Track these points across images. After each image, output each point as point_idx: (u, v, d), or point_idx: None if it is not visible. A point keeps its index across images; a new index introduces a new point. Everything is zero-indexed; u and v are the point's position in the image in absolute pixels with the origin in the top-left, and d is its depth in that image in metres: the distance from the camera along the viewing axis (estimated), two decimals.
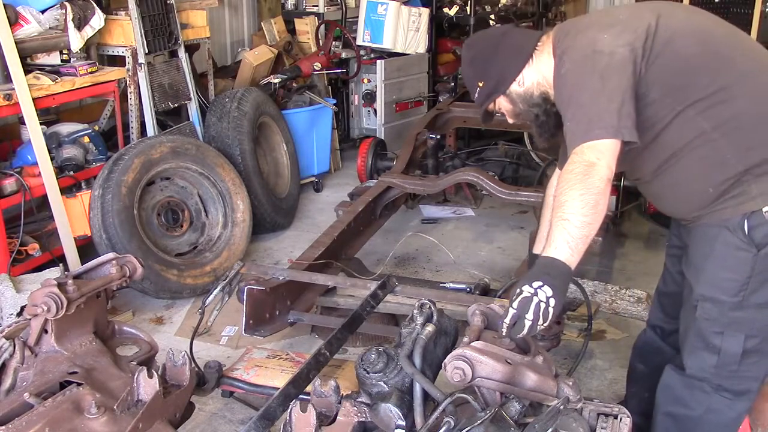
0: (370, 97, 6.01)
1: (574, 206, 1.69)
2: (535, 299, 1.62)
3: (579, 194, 1.70)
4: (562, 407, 1.40)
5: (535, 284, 1.64)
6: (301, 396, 1.79)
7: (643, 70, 1.82)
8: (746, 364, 1.99)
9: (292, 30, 6.19)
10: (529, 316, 1.62)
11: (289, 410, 1.59)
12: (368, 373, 1.61)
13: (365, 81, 6.01)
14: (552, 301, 1.63)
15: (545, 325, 1.64)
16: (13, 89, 3.43)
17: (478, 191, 4.66)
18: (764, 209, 1.86)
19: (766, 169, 1.86)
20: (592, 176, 1.70)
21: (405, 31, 6.08)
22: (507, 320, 1.63)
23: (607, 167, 1.72)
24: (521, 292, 1.65)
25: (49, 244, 3.70)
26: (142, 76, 4.14)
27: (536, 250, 2.23)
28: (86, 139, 3.98)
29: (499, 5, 6.91)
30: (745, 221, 1.87)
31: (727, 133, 1.86)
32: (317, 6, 6.15)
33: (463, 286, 3.14)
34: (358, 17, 6.08)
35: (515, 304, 1.64)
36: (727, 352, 1.98)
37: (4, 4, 3.45)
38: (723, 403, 2.04)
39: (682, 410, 2.09)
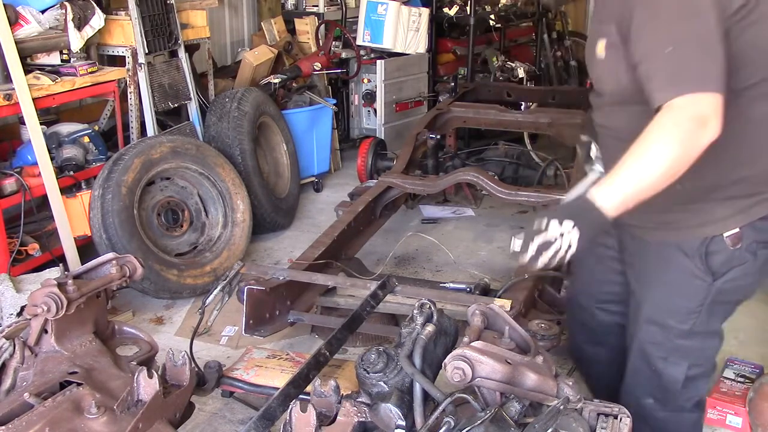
0: (370, 97, 6.01)
1: (662, 157, 1.53)
2: (558, 242, 1.57)
3: (676, 147, 1.53)
4: (562, 407, 1.40)
5: (566, 226, 1.57)
6: (301, 396, 1.79)
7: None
8: (688, 388, 1.95)
9: (292, 30, 6.19)
10: (545, 257, 1.59)
11: (289, 410, 1.59)
12: (368, 373, 1.61)
13: (365, 81, 6.01)
14: (573, 248, 1.58)
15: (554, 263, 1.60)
16: (13, 89, 3.43)
17: (478, 191, 4.66)
18: (725, 235, 1.77)
19: (735, 192, 1.76)
20: (700, 135, 1.52)
21: (405, 31, 6.08)
22: (527, 250, 1.59)
23: (717, 129, 1.53)
24: (548, 228, 1.58)
25: (49, 244, 3.70)
26: (142, 76, 4.14)
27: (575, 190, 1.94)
28: (86, 139, 3.98)
29: (499, 5, 6.91)
30: (705, 247, 1.78)
31: (740, 135, 1.69)
32: (317, 6, 6.15)
33: (463, 286, 3.14)
34: (358, 17, 6.08)
35: (539, 240, 1.58)
36: (669, 377, 1.92)
37: (4, 4, 3.44)
38: (672, 417, 1.99)
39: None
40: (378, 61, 5.94)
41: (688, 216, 1.80)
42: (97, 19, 3.90)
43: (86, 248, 3.70)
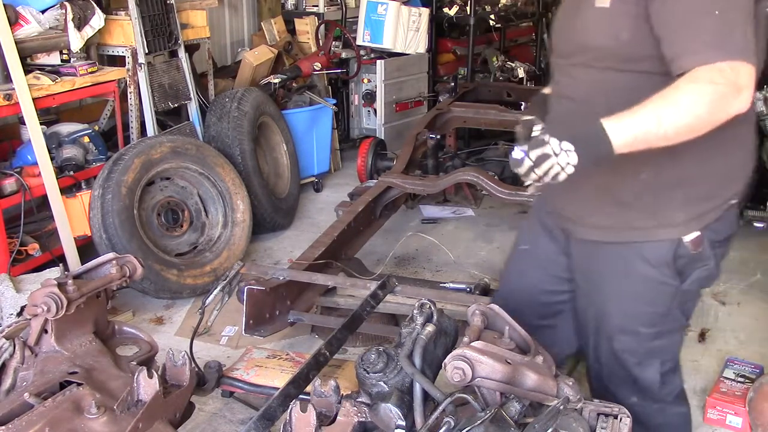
0: (370, 97, 6.01)
1: (687, 109, 1.48)
2: (554, 160, 1.52)
3: (704, 104, 1.48)
4: (562, 407, 1.40)
5: (565, 146, 1.52)
6: (301, 396, 1.79)
7: None
8: (666, 384, 1.95)
9: (292, 30, 6.19)
10: (540, 172, 1.54)
11: (289, 410, 1.59)
12: (368, 373, 1.61)
13: (365, 81, 6.02)
14: (570, 170, 1.53)
15: (548, 181, 1.56)
16: (13, 89, 3.43)
17: (478, 191, 4.66)
18: (685, 240, 1.75)
19: (694, 193, 1.74)
20: (731, 101, 1.48)
21: (405, 31, 6.08)
22: (522, 161, 1.55)
23: (748, 102, 1.49)
24: (546, 143, 1.53)
25: (49, 244, 3.70)
26: (142, 76, 4.14)
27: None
28: (86, 139, 3.98)
29: (499, 5, 6.91)
30: (672, 253, 1.75)
31: (736, 127, 1.61)
32: (317, 6, 6.15)
33: (463, 286, 3.14)
34: (358, 17, 6.08)
35: (533, 155, 1.54)
36: (646, 380, 1.93)
37: (4, 4, 3.44)
38: (659, 411, 1.99)
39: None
40: (378, 61, 5.94)
41: (642, 215, 1.76)
42: (97, 19, 3.90)
43: (86, 248, 3.70)
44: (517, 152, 1.59)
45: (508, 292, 2.16)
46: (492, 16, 6.70)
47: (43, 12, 3.71)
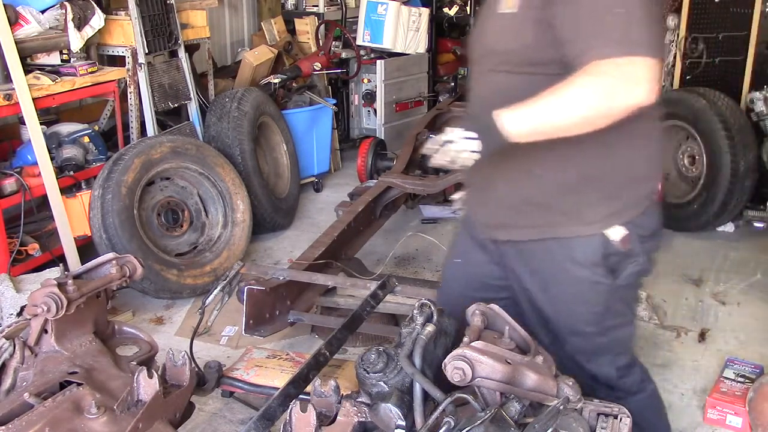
0: (370, 97, 6.01)
1: (581, 99, 1.53)
2: (458, 146, 1.63)
3: (598, 95, 1.52)
4: (562, 407, 1.40)
5: (468, 134, 1.62)
6: (301, 396, 1.79)
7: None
8: (625, 376, 1.97)
9: (292, 30, 6.19)
10: (444, 159, 1.65)
11: (289, 410, 1.59)
12: (368, 373, 1.61)
13: (365, 81, 6.02)
14: (474, 154, 1.62)
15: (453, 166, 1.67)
16: (13, 89, 3.43)
17: None
18: (613, 237, 1.77)
19: (607, 189, 1.76)
20: (627, 93, 1.51)
21: (405, 31, 6.09)
22: (433, 148, 1.66)
23: (648, 94, 1.51)
24: (452, 132, 1.64)
25: (49, 244, 3.70)
26: (142, 76, 4.14)
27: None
28: (86, 139, 3.98)
29: None
30: (600, 253, 1.78)
31: (618, 128, 1.64)
32: (317, 6, 6.15)
33: None
34: (358, 17, 6.08)
35: (442, 142, 1.65)
36: (603, 376, 1.95)
37: (4, 4, 3.45)
38: (626, 401, 2.02)
39: None
40: (378, 61, 5.94)
41: (563, 214, 1.79)
42: (97, 19, 3.90)
43: (86, 248, 3.70)
44: (430, 141, 1.71)
45: (444, 304, 2.19)
46: None
47: (43, 12, 3.72)
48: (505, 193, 1.86)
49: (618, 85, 1.52)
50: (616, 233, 1.78)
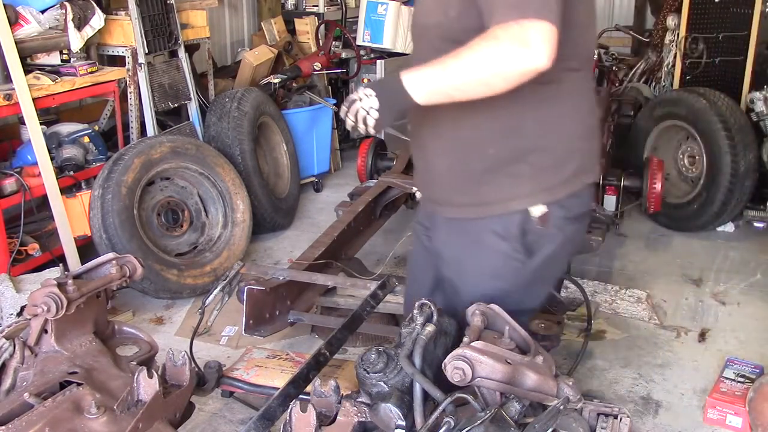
0: None
1: (473, 62, 1.56)
2: (359, 104, 1.70)
3: (489, 58, 1.54)
4: (562, 407, 1.40)
5: (369, 92, 1.69)
6: (301, 396, 1.79)
7: None
8: None
9: (292, 30, 6.19)
10: (351, 117, 1.71)
11: (289, 410, 1.59)
12: (368, 373, 1.61)
13: (365, 81, 6.01)
14: (373, 113, 1.68)
15: (367, 131, 1.72)
16: (13, 89, 3.43)
17: None
18: (533, 213, 1.79)
19: (538, 165, 1.78)
20: (518, 56, 1.52)
21: (405, 31, 6.08)
22: (344, 107, 1.73)
23: (542, 57, 1.52)
24: (357, 92, 1.72)
25: (49, 244, 3.70)
26: (142, 76, 4.14)
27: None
28: (86, 139, 3.98)
29: None
30: (520, 227, 1.80)
31: (545, 104, 1.73)
32: (317, 6, 6.15)
33: None
34: (358, 17, 6.08)
35: (346, 102, 1.72)
36: None
37: (4, 4, 3.44)
38: None
39: None
40: (378, 61, 5.94)
41: (488, 191, 1.82)
42: (97, 19, 3.90)
43: (86, 248, 3.70)
44: (345, 102, 1.78)
45: (408, 296, 2.27)
46: None
47: (43, 12, 3.72)
48: (451, 171, 1.90)
49: (507, 47, 1.54)
50: (537, 210, 1.80)
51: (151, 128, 4.23)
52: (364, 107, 1.69)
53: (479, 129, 1.77)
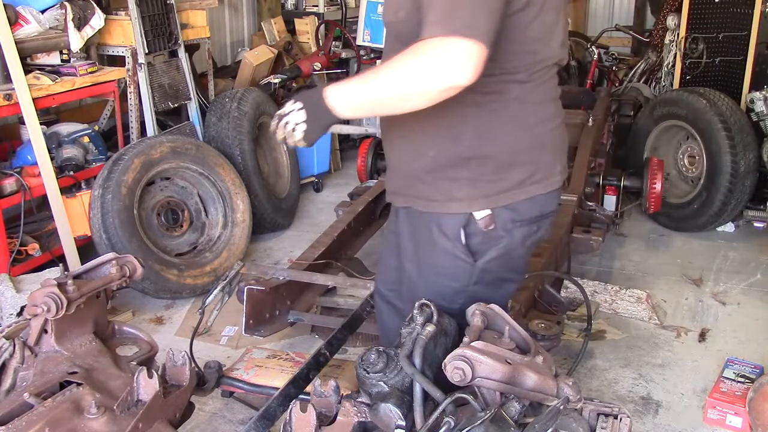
0: None
1: (394, 76, 1.57)
2: (286, 119, 1.73)
3: (410, 73, 1.55)
4: (562, 407, 1.40)
5: (296, 105, 1.72)
6: (301, 396, 1.79)
7: None
8: None
9: (292, 30, 6.19)
10: (280, 132, 1.75)
11: (289, 410, 1.59)
12: (368, 373, 1.61)
13: None
14: (301, 127, 1.71)
15: (294, 144, 1.75)
16: (13, 89, 3.43)
17: None
18: (477, 218, 1.80)
19: (479, 172, 1.79)
20: (441, 73, 1.52)
21: None
22: (274, 121, 1.77)
23: (465, 75, 1.52)
24: (286, 106, 1.75)
25: (49, 244, 3.70)
26: (142, 76, 4.14)
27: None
28: (86, 139, 3.98)
29: None
30: (462, 229, 1.82)
31: (488, 112, 1.74)
32: (317, 6, 6.15)
33: None
34: (358, 17, 6.08)
35: (277, 114, 1.76)
36: None
37: (4, 4, 3.44)
38: None
39: None
40: (378, 61, 5.93)
41: (434, 190, 1.84)
42: (97, 19, 3.90)
43: (86, 248, 3.70)
44: (275, 117, 1.81)
45: (381, 273, 2.29)
46: None
47: (43, 12, 3.72)
48: (400, 167, 1.95)
49: (426, 63, 1.54)
50: (480, 213, 1.81)
51: (151, 128, 4.23)
52: (291, 121, 1.72)
53: (424, 132, 1.81)
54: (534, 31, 1.72)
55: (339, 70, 5.79)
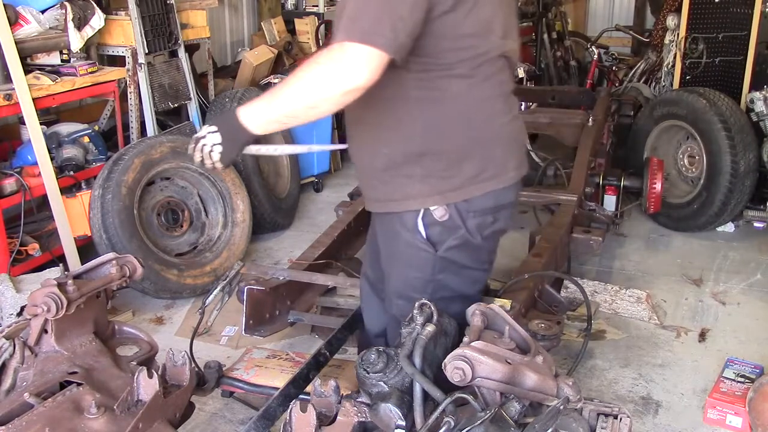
0: None
1: (297, 86, 1.65)
2: (202, 141, 1.80)
3: (312, 81, 1.63)
4: (562, 407, 1.40)
5: (211, 128, 1.79)
6: (301, 396, 1.80)
7: None
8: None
9: (292, 30, 6.19)
10: (197, 155, 1.81)
11: (289, 410, 1.59)
12: (368, 373, 1.61)
13: None
14: (217, 149, 1.78)
15: (212, 166, 1.81)
16: (13, 89, 3.43)
17: None
18: (431, 209, 1.86)
19: (430, 168, 1.84)
20: (340, 78, 1.60)
21: None
22: (191, 144, 1.83)
23: (363, 79, 1.59)
24: (201, 129, 1.82)
25: (49, 244, 3.70)
26: (142, 76, 4.14)
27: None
28: (86, 139, 3.98)
29: None
30: (420, 221, 1.88)
31: (433, 108, 1.79)
32: (317, 6, 6.15)
33: None
34: None
35: (194, 135, 1.83)
36: None
37: (4, 4, 3.44)
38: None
39: None
40: None
41: (391, 189, 1.90)
42: (97, 19, 3.90)
43: (86, 248, 3.70)
44: (192, 140, 1.88)
45: (363, 282, 2.39)
46: None
47: (43, 12, 3.71)
48: (359, 165, 2.03)
49: (324, 68, 1.62)
50: (435, 206, 1.86)
51: (151, 128, 4.23)
52: (207, 143, 1.78)
53: (379, 129, 1.86)
54: (468, 27, 1.75)
55: None
